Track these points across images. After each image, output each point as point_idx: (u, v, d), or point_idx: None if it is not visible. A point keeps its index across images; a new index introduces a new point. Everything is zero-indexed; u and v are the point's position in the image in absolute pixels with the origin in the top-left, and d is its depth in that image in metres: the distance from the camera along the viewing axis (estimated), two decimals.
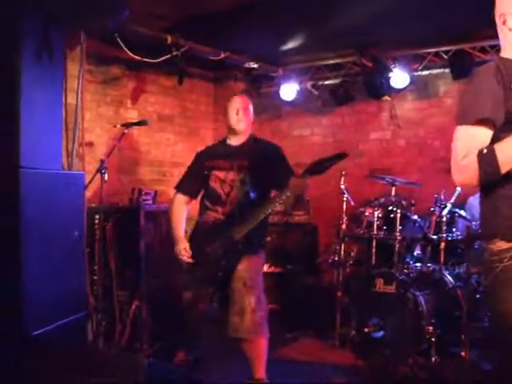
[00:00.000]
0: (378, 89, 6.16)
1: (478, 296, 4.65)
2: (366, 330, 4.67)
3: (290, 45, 6.01)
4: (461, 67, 5.83)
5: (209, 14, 5.08)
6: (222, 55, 5.96)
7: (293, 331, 5.44)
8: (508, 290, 2.36)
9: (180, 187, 4.27)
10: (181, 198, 4.23)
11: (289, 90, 6.71)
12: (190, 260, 3.98)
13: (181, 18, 5.28)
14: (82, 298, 4.40)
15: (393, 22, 5.16)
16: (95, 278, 4.66)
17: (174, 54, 5.46)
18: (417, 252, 5.02)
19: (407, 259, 4.95)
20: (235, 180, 3.99)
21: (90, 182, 4.64)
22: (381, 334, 4.63)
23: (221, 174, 4.04)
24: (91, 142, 5.48)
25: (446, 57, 5.91)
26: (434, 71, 6.28)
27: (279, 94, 6.76)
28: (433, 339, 4.40)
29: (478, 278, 4.66)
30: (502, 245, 2.38)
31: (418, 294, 4.49)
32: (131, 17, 4.55)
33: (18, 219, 3.69)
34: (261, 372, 3.90)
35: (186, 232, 4.14)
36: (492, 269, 2.41)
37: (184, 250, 3.99)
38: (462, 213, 4.88)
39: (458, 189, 4.82)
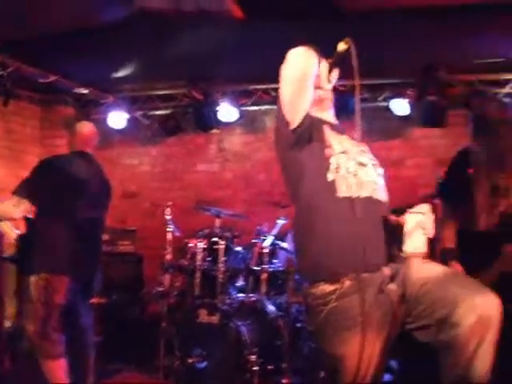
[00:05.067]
0: (206, 121, 6.26)
1: (298, 325, 4.80)
2: (190, 360, 4.62)
3: (122, 72, 5.95)
4: None
5: (41, 36, 4.90)
6: (51, 78, 5.78)
7: (115, 363, 5.28)
8: (339, 332, 2.34)
9: None
10: None
11: (118, 118, 6.61)
12: None
13: (10, 37, 5.04)
14: None
15: (224, 57, 5.28)
16: None
17: (0, 74, 5.23)
18: (240, 283, 5.08)
19: (230, 290, 5.00)
20: None
21: None
22: (204, 364, 4.61)
23: None
24: None
25: (274, 94, 6.14)
26: (263, 107, 6.49)
27: (108, 122, 6.66)
28: (255, 368, 4.43)
29: (298, 308, 4.81)
30: (325, 288, 2.36)
31: (240, 324, 4.53)
32: None
33: None
34: None
35: None
36: (318, 313, 2.38)
37: None
38: (284, 244, 5.02)
39: (280, 221, 5.00)
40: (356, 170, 2.46)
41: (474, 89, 5.94)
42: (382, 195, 2.55)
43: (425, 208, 2.46)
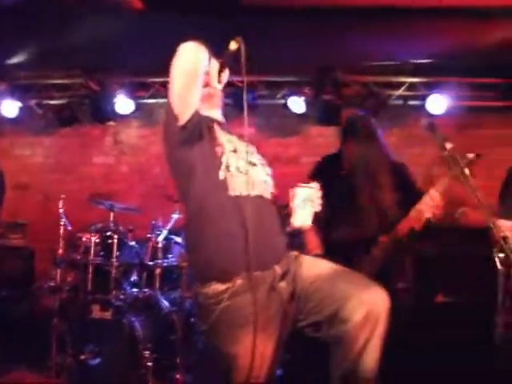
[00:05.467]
0: (102, 113, 6.17)
1: (192, 320, 4.81)
2: (83, 357, 4.54)
3: (16, 59, 5.74)
4: None
5: None
6: None
7: (4, 362, 5.11)
8: (232, 331, 2.36)
9: None
10: None
11: (11, 107, 6.37)
12: None
13: None
14: None
15: (122, 48, 5.21)
16: None
17: None
18: (133, 278, 5.03)
19: (124, 285, 4.94)
20: None
21: None
22: (97, 361, 4.55)
23: None
24: None
25: None
26: (160, 100, 6.44)
27: (0, 110, 6.40)
28: (149, 364, 4.41)
29: (192, 302, 4.81)
30: (217, 287, 2.37)
31: (133, 319, 4.49)
32: None
33: None
34: None
35: None
36: (210, 312, 2.40)
37: None
38: (178, 239, 5.00)
39: (175, 215, 4.99)
40: (247, 169, 2.48)
41: (369, 90, 6.15)
42: (270, 195, 2.60)
43: (314, 184, 2.54)
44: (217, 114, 2.78)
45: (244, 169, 2.49)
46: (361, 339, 2.30)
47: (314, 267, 2.54)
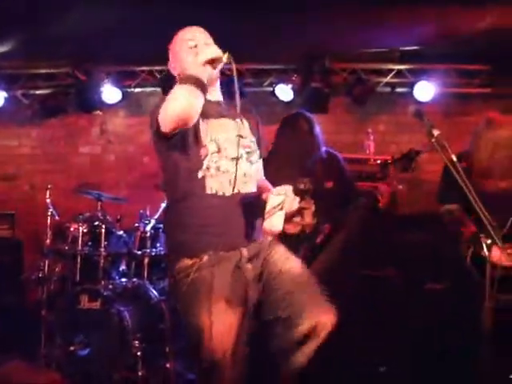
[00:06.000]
0: (89, 102, 6.13)
1: None
2: (72, 348, 4.53)
3: (1, 49, 5.68)
4: (171, 87, 6.04)
5: None
6: None
7: None
8: (198, 302, 2.52)
9: None
10: None
11: None
12: None
13: None
14: None
15: (109, 37, 5.17)
16: None
17: None
18: (122, 267, 5.01)
19: (113, 275, 4.93)
20: None
21: None
22: (86, 351, 4.54)
23: None
24: None
25: (159, 76, 6.10)
26: (148, 89, 6.42)
27: None
28: (139, 353, 4.40)
29: None
30: (187, 262, 2.56)
31: (122, 309, 4.48)
32: None
33: None
34: None
35: None
36: (181, 286, 2.58)
37: None
38: None
39: (163, 205, 4.99)
40: (227, 168, 2.64)
41: (357, 77, 6.14)
42: (251, 187, 2.74)
43: (287, 189, 2.61)
44: (216, 94, 2.84)
45: (225, 168, 2.64)
46: (299, 341, 2.57)
47: (287, 261, 2.74)
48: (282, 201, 2.57)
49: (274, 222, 2.57)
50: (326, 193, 3.69)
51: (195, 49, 2.70)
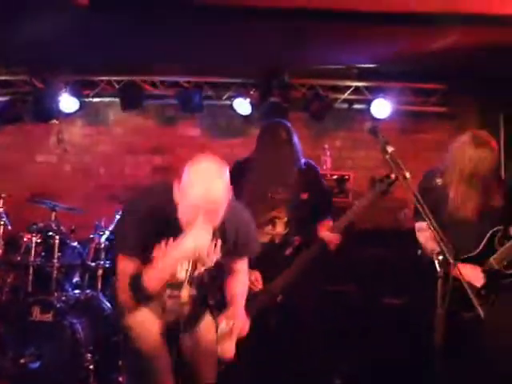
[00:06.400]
0: (46, 111, 6.06)
1: None
2: (23, 360, 4.45)
3: None
4: (130, 98, 6.06)
5: None
6: None
7: None
8: None
9: None
10: None
11: None
12: None
13: None
14: None
15: (68, 45, 5.13)
16: None
17: None
18: (75, 279, 4.97)
19: (66, 286, 4.87)
20: None
21: None
22: (38, 364, 4.46)
23: None
24: None
25: (117, 86, 6.07)
26: (106, 99, 6.39)
27: None
28: (91, 367, 4.36)
29: None
30: None
31: (75, 321, 4.43)
32: None
33: None
34: None
35: None
36: None
37: None
38: None
39: (118, 216, 4.95)
40: None
41: (315, 93, 6.21)
42: None
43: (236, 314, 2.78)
44: None
45: None
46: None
47: None
48: (231, 327, 2.64)
49: (225, 349, 2.66)
50: (300, 204, 3.70)
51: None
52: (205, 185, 2.50)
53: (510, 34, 4.77)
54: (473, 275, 3.24)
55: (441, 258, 2.53)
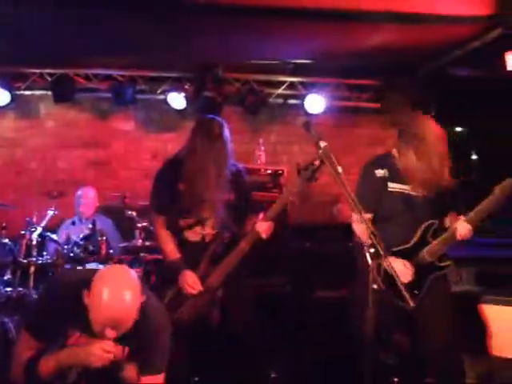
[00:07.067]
0: None
1: None
2: None
3: None
4: (63, 91, 5.97)
5: None
6: None
7: None
8: None
9: None
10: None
11: None
12: None
13: None
14: None
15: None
16: None
17: None
18: (7, 276, 4.85)
19: None
20: None
21: None
22: None
23: None
24: None
25: (49, 79, 5.96)
26: (37, 92, 6.27)
27: None
28: None
29: None
30: None
31: (6, 320, 4.35)
32: None
33: None
34: None
35: None
36: None
37: None
38: (54, 236, 4.93)
39: (50, 212, 4.89)
40: None
41: (249, 88, 6.24)
42: None
43: None
44: None
45: None
46: None
47: None
48: None
49: None
50: (227, 205, 3.71)
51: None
52: (112, 311, 2.36)
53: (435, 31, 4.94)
54: (402, 270, 3.32)
55: (372, 250, 2.58)
